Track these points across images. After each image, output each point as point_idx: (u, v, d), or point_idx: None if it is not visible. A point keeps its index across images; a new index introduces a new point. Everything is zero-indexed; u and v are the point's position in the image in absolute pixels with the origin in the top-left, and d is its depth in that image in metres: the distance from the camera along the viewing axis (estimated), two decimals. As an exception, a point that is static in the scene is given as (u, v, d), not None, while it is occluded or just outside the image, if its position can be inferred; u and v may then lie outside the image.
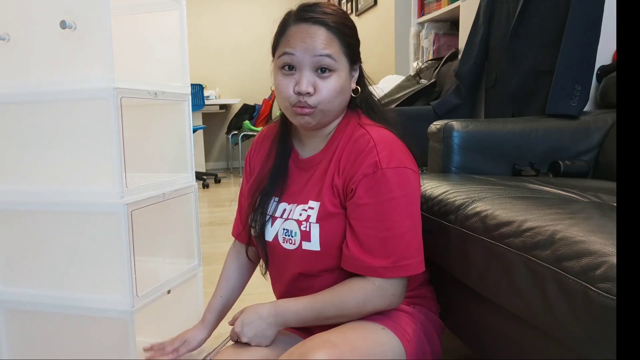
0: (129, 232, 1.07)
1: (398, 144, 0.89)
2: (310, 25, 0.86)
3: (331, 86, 0.87)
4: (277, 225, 0.96)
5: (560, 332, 0.67)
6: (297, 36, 0.87)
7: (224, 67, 6.07)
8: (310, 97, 0.87)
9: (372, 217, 0.85)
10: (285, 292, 1.00)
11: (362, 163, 0.86)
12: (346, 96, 0.92)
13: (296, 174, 0.98)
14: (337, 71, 0.87)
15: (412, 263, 0.86)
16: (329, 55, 0.86)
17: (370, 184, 0.85)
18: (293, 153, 1.00)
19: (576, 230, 0.71)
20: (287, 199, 0.97)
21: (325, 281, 0.93)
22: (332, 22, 0.87)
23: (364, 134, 0.89)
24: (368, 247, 0.85)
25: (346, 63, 0.89)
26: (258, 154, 1.07)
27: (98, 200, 1.08)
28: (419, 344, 0.90)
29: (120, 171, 1.05)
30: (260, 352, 0.90)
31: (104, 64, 1.03)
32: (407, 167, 0.87)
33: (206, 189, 4.70)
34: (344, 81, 0.89)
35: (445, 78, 2.49)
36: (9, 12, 1.11)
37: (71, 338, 1.19)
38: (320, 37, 0.86)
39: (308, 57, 0.86)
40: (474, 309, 0.99)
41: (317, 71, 0.87)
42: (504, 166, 1.45)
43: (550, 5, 1.66)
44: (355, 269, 0.87)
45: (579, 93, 1.52)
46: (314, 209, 0.91)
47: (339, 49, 0.87)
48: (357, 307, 0.86)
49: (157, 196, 1.19)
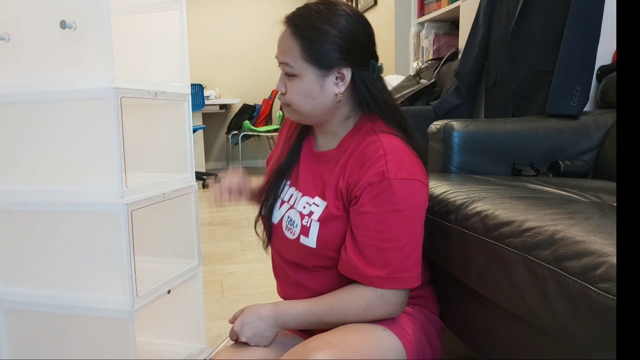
0: (129, 232, 1.07)
1: (409, 155, 0.88)
2: (284, 28, 0.91)
3: (294, 89, 0.90)
4: (283, 210, 0.98)
5: (560, 332, 0.67)
6: (279, 40, 0.92)
7: (224, 67, 6.07)
8: (283, 96, 0.92)
9: (373, 226, 0.84)
10: (283, 278, 1.02)
11: (368, 170, 0.86)
12: (320, 100, 0.90)
13: (309, 162, 0.99)
14: (299, 76, 0.89)
15: (408, 277, 0.86)
16: (285, 63, 0.90)
17: (375, 192, 0.84)
18: (310, 142, 1.02)
19: (576, 230, 0.71)
20: (295, 184, 0.99)
21: (320, 278, 0.93)
22: (297, 27, 0.88)
23: (374, 141, 0.88)
24: (366, 255, 0.85)
25: (310, 68, 0.88)
26: (282, 136, 1.10)
27: (98, 200, 1.08)
28: (419, 345, 0.90)
29: (120, 171, 1.05)
30: (259, 352, 0.90)
31: (104, 64, 1.03)
32: (416, 179, 0.86)
33: (206, 189, 4.70)
34: (308, 86, 0.89)
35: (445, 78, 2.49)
36: (9, 12, 1.11)
37: (71, 338, 1.19)
38: (283, 43, 0.90)
39: (279, 62, 0.92)
40: (474, 309, 0.99)
41: (286, 74, 0.92)
42: (504, 166, 1.45)
43: (550, 5, 1.66)
44: (351, 275, 0.87)
45: (579, 93, 1.52)
46: (319, 207, 0.91)
47: (297, 56, 0.88)
48: (357, 314, 0.86)
49: (157, 196, 1.19)
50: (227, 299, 1.91)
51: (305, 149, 1.01)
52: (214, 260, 2.42)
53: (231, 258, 2.45)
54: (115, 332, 1.12)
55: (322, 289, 0.93)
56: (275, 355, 0.90)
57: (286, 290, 1.03)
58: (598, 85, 1.64)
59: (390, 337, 0.86)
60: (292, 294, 1.00)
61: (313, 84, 0.89)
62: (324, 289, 0.92)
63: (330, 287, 0.92)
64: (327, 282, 0.93)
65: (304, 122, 0.96)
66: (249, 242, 2.74)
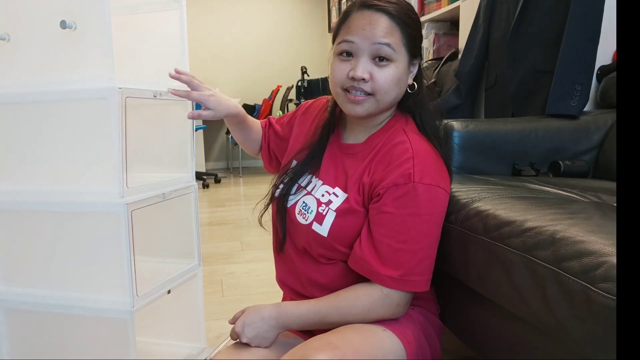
0: (129, 232, 1.07)
1: (436, 161, 0.88)
2: (373, 13, 0.85)
3: (388, 75, 0.86)
4: (299, 194, 0.97)
5: (560, 332, 0.67)
6: (358, 23, 0.86)
7: (224, 67, 6.07)
8: (366, 83, 0.86)
9: (392, 227, 0.84)
10: (291, 265, 1.00)
11: (395, 170, 0.85)
12: (402, 89, 0.90)
13: (334, 153, 0.98)
14: (395, 62, 0.86)
15: (419, 280, 0.86)
16: (388, 44, 0.84)
17: (398, 194, 0.84)
18: (336, 133, 1.00)
19: (576, 230, 0.71)
20: (314, 172, 0.98)
21: (327, 272, 0.93)
22: (395, 12, 0.86)
23: (404, 142, 0.88)
24: (381, 254, 0.85)
25: (405, 55, 0.87)
26: (304, 118, 1.08)
27: (98, 200, 1.08)
28: (419, 345, 0.90)
29: (120, 171, 1.05)
30: (260, 352, 0.90)
31: (104, 64, 1.03)
32: (440, 187, 0.86)
33: (206, 189, 4.70)
34: (401, 73, 0.87)
35: (445, 78, 2.49)
36: (9, 12, 1.11)
37: (71, 338, 1.19)
38: (381, 25, 0.85)
39: (367, 44, 0.85)
40: (474, 309, 0.99)
41: (374, 59, 0.86)
42: (504, 166, 1.45)
43: (550, 5, 1.66)
44: (361, 271, 0.87)
45: (579, 93, 1.52)
46: (339, 198, 0.91)
47: (399, 40, 0.86)
48: (361, 314, 0.86)
49: (157, 196, 1.19)
50: (227, 299, 1.91)
51: (331, 138, 1.00)
52: (214, 260, 2.42)
53: (231, 258, 2.45)
54: (115, 332, 1.12)
55: (326, 282, 0.93)
56: (275, 355, 0.90)
57: (288, 278, 1.02)
58: (598, 85, 1.64)
59: (391, 337, 0.86)
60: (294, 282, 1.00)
61: (404, 70, 0.88)
62: (327, 282, 0.92)
63: (334, 281, 0.92)
64: (332, 275, 0.93)
65: (369, 115, 0.91)
66: (249, 242, 2.74)
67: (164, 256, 1.38)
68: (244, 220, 3.30)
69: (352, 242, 0.90)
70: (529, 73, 1.75)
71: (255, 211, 1.06)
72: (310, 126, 1.05)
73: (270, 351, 0.91)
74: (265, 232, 1.04)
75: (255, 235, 2.88)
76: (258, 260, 2.39)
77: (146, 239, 1.26)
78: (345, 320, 0.87)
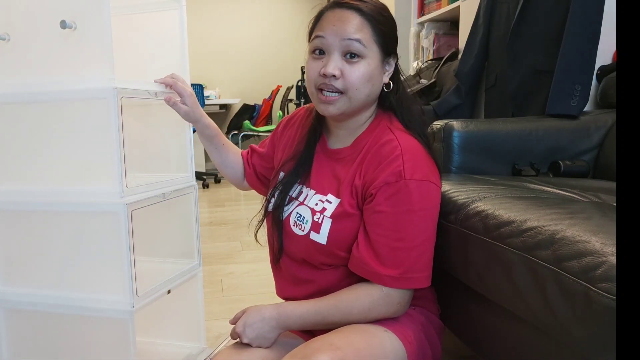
0: (129, 232, 1.07)
1: (425, 156, 0.88)
2: (344, 10, 0.86)
3: (358, 72, 0.85)
4: (291, 206, 0.96)
5: (560, 332, 0.67)
6: (329, 20, 0.87)
7: (224, 67, 6.07)
8: (337, 80, 0.86)
9: (388, 225, 0.84)
10: (288, 276, 1.00)
11: (385, 169, 0.85)
12: (375, 87, 0.89)
13: (321, 160, 0.98)
14: (366, 58, 0.86)
15: (419, 277, 0.86)
16: (358, 40, 0.84)
17: (390, 192, 0.84)
18: (322, 140, 1.00)
19: (576, 230, 0.71)
20: (304, 182, 0.97)
21: (326, 275, 0.93)
22: (366, 9, 0.86)
23: (391, 140, 0.88)
24: (379, 254, 0.85)
25: (377, 52, 0.87)
26: (286, 130, 1.08)
27: (98, 200, 1.08)
28: (420, 346, 0.90)
29: (120, 171, 1.05)
30: (260, 352, 0.90)
31: (104, 64, 1.03)
32: (431, 182, 0.86)
33: (206, 189, 4.70)
34: (372, 69, 0.87)
35: (445, 78, 2.49)
36: (9, 12, 1.11)
37: (71, 338, 1.19)
38: (352, 22, 0.85)
39: (337, 41, 0.85)
40: (474, 309, 0.99)
41: (345, 56, 0.86)
42: (504, 166, 1.45)
43: (550, 5, 1.66)
44: (362, 272, 0.87)
45: (579, 93, 1.52)
46: (332, 204, 0.91)
47: (369, 36, 0.86)
48: (362, 313, 0.86)
49: (157, 196, 1.19)
50: (227, 299, 1.91)
51: (317, 146, 1.00)
52: (214, 260, 2.42)
53: (231, 258, 2.45)
54: (115, 332, 1.12)
55: (328, 286, 0.93)
56: (276, 355, 0.90)
57: (289, 289, 1.01)
58: (598, 85, 1.64)
59: (392, 338, 0.86)
60: (296, 291, 0.99)
61: (376, 67, 0.88)
62: (330, 286, 0.92)
63: (337, 285, 0.92)
64: (333, 279, 0.93)
65: (344, 115, 0.91)
66: (249, 242, 2.74)
67: (164, 256, 1.38)
68: (244, 220, 3.30)
69: (352, 246, 0.90)
70: (529, 73, 1.75)
71: (251, 227, 1.06)
72: (295, 136, 1.05)
73: (271, 351, 0.91)
74: (265, 232, 1.04)
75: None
76: (258, 260, 2.39)
77: (146, 239, 1.26)
78: (346, 320, 0.87)
